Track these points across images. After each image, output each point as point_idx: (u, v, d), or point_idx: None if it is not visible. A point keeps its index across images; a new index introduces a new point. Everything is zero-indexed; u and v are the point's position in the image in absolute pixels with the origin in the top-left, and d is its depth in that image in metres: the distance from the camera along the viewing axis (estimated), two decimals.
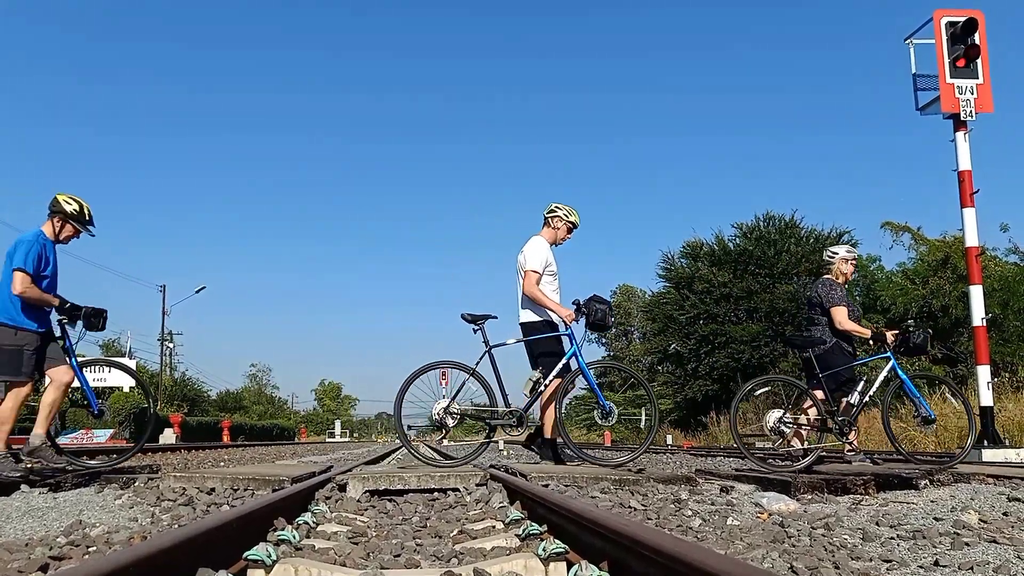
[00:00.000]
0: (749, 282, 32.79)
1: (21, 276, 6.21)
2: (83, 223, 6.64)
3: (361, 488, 5.31)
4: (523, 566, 2.65)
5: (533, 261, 7.02)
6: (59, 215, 6.53)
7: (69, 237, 6.65)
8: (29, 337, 6.34)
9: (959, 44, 10.47)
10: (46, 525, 3.96)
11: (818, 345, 7.46)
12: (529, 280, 6.97)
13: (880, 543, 3.37)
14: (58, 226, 6.55)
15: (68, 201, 6.56)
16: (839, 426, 7.03)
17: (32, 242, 6.34)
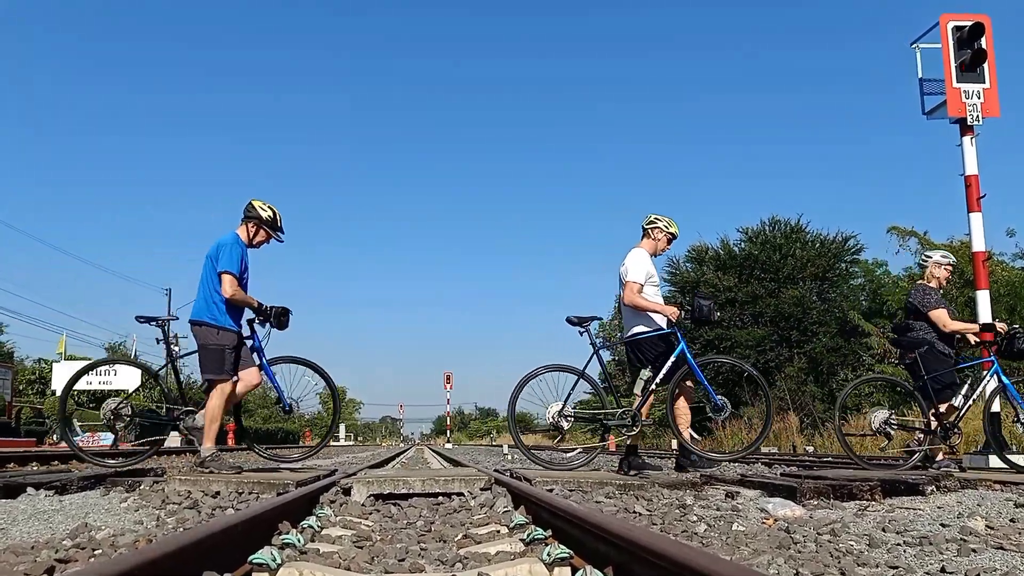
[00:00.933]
0: (754, 287, 32.72)
1: (230, 279, 6.41)
2: (275, 229, 6.82)
3: (366, 492, 5.31)
4: (527, 571, 2.65)
5: (634, 272, 7.07)
6: (254, 220, 6.72)
7: (261, 242, 6.83)
8: (230, 337, 6.51)
9: (965, 48, 10.45)
10: (52, 528, 3.96)
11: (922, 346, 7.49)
12: (630, 290, 7.02)
13: (886, 549, 3.35)
14: (252, 231, 6.74)
15: (263, 207, 6.73)
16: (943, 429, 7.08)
17: (233, 245, 6.53)
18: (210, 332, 6.42)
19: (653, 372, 6.91)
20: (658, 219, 7.32)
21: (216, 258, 6.48)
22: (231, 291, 6.42)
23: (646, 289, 7.09)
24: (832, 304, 31.44)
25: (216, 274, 6.45)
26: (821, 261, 32.26)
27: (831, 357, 28.35)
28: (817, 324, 30.49)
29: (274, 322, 6.78)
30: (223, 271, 6.41)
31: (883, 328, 26.08)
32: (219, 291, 6.45)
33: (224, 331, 6.47)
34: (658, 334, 7.05)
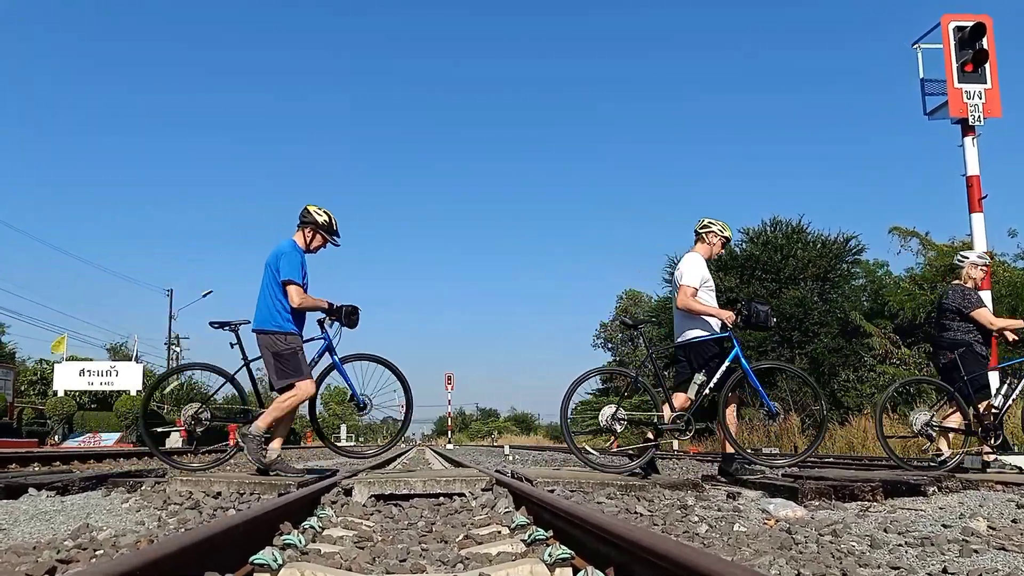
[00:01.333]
0: (755, 287, 32.69)
1: (295, 288, 6.43)
2: (331, 233, 6.81)
3: (367, 492, 5.31)
4: (529, 571, 2.65)
5: (690, 277, 7.04)
6: (310, 225, 6.70)
7: (318, 247, 6.82)
8: (297, 339, 6.53)
9: (967, 49, 10.45)
10: (53, 528, 3.97)
11: (961, 347, 7.48)
12: (684, 293, 6.99)
13: (888, 550, 3.35)
14: (309, 236, 6.72)
15: (319, 212, 6.73)
16: (984, 429, 7.09)
17: (292, 253, 6.53)
18: (278, 339, 6.43)
19: (707, 376, 6.86)
20: (712, 223, 7.28)
21: (277, 268, 6.48)
22: (299, 300, 6.44)
23: (701, 293, 7.05)
24: (833, 305, 31.41)
25: (279, 283, 6.45)
26: (822, 262, 32.24)
27: (832, 358, 28.34)
28: (818, 325, 30.46)
29: (344, 321, 6.78)
30: (287, 281, 6.41)
31: (884, 329, 26.10)
32: (283, 299, 6.45)
33: (291, 335, 6.49)
34: (712, 338, 7.00)
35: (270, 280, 6.52)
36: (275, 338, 6.43)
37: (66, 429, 31.96)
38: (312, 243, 6.73)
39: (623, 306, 71.19)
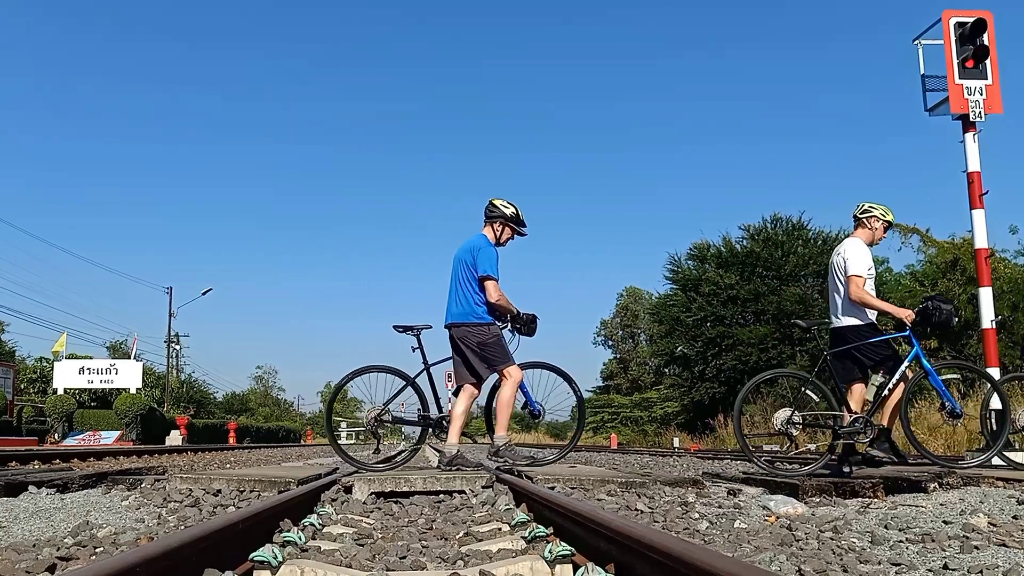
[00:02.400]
0: (756, 284, 32.74)
1: (495, 284, 6.47)
2: (519, 224, 6.82)
3: (367, 490, 5.31)
4: (529, 568, 2.65)
5: (857, 265, 6.80)
6: (499, 219, 6.72)
7: (507, 240, 6.82)
8: (497, 329, 6.57)
9: (968, 45, 10.43)
10: (53, 526, 3.96)
11: None
12: (855, 284, 6.76)
13: (889, 546, 3.35)
14: (499, 230, 6.74)
15: (506, 205, 6.75)
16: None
17: (489, 247, 6.57)
18: (480, 329, 6.47)
19: (887, 376, 6.69)
20: (873, 207, 7.05)
21: (474, 263, 6.49)
22: (496, 296, 6.45)
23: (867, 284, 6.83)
24: None
25: (475, 277, 6.47)
26: (823, 258, 32.20)
27: None
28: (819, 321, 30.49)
29: (524, 329, 6.79)
30: (485, 276, 6.43)
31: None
32: (480, 293, 6.48)
33: (492, 325, 6.54)
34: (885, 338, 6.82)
35: (465, 275, 6.54)
36: (477, 329, 6.46)
37: (66, 427, 31.96)
38: (502, 236, 6.74)
39: (623, 303, 71.29)
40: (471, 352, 6.50)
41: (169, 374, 49.60)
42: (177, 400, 48.65)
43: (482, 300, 6.49)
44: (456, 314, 6.57)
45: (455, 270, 6.67)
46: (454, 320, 6.57)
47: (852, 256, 6.84)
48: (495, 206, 6.73)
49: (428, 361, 6.72)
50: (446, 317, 6.66)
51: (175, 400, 47.87)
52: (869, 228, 7.08)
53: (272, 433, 56.65)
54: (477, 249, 6.53)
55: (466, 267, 6.55)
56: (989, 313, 10.17)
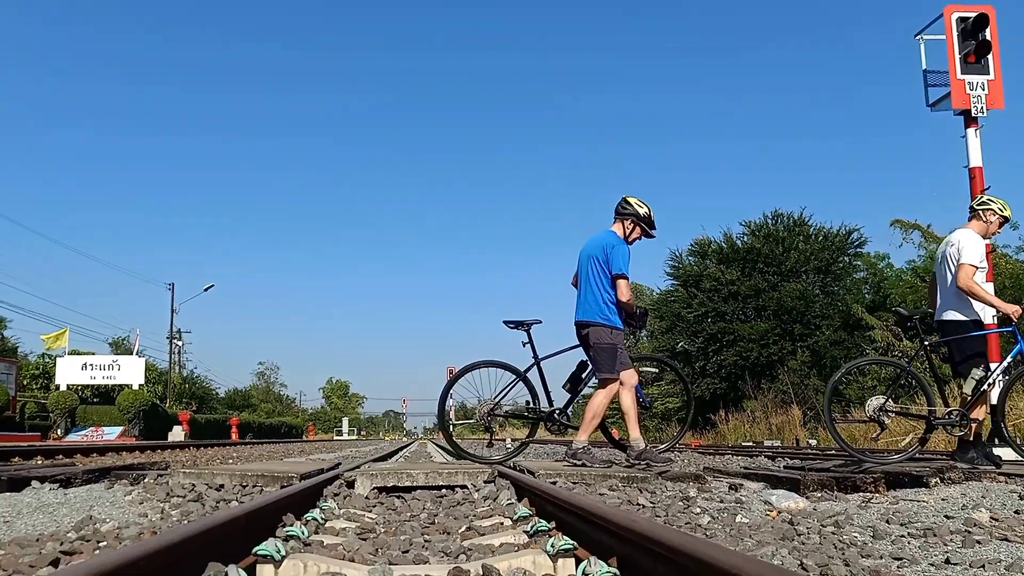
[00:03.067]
0: (757, 280, 32.69)
1: (626, 283, 6.39)
2: (650, 226, 6.73)
3: (369, 485, 5.32)
4: (532, 562, 2.65)
5: (970, 254, 6.68)
6: (631, 217, 6.63)
7: (635, 239, 6.72)
8: (620, 335, 6.49)
9: (970, 40, 10.42)
10: (57, 521, 3.97)
11: None
12: (965, 273, 6.66)
13: (890, 541, 3.35)
14: (629, 228, 6.65)
15: (640, 204, 6.66)
16: None
17: (623, 245, 6.47)
18: (603, 331, 6.39)
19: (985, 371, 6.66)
20: (991, 200, 6.98)
21: (606, 260, 6.41)
22: (628, 295, 6.38)
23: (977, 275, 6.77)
24: (835, 298, 31.41)
25: (606, 275, 6.40)
26: (824, 254, 32.21)
27: (834, 351, 28.36)
28: (820, 318, 30.46)
29: (637, 324, 6.78)
30: (619, 274, 6.35)
31: (886, 322, 26.07)
32: (610, 292, 6.40)
33: (616, 330, 6.44)
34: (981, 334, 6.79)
35: (597, 272, 6.46)
36: (600, 330, 6.39)
37: (68, 423, 32.00)
38: (631, 235, 6.64)
39: None
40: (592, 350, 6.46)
41: (171, 370, 49.62)
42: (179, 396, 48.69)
43: (612, 298, 6.41)
44: (584, 311, 6.50)
45: (584, 267, 6.57)
46: (583, 317, 6.50)
47: (967, 245, 6.70)
48: (629, 203, 6.61)
49: (538, 356, 6.71)
50: (576, 313, 6.58)
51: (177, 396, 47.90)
52: (984, 221, 6.97)
53: (274, 429, 56.69)
54: (611, 246, 6.43)
55: (597, 264, 6.45)
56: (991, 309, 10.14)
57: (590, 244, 6.61)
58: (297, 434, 61.00)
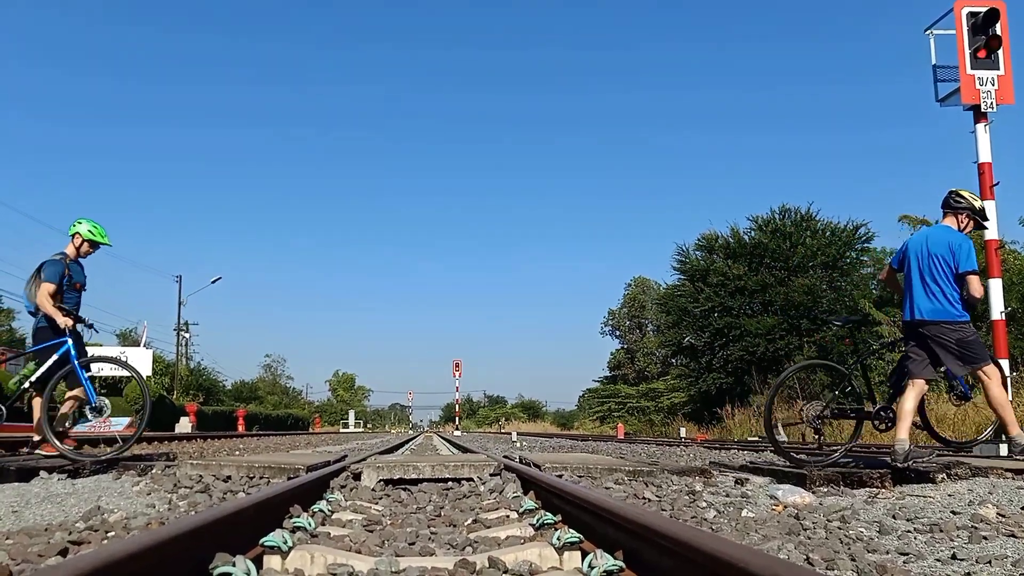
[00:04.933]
0: (764, 275, 32.64)
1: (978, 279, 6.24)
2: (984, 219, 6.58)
3: (376, 477, 5.33)
4: (538, 555, 2.66)
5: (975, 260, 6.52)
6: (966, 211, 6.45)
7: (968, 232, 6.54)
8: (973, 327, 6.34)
9: (980, 34, 10.35)
10: (65, 511, 4.00)
11: None
12: (978, 282, 6.46)
13: (897, 536, 3.35)
14: (963, 221, 6.47)
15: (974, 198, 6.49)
16: None
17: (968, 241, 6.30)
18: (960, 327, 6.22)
19: None
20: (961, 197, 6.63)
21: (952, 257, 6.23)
22: (980, 291, 6.24)
23: None
24: (842, 293, 31.33)
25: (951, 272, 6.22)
26: (831, 250, 32.11)
27: (841, 346, 28.25)
28: (827, 313, 30.38)
29: None
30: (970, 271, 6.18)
31: (894, 319, 26.00)
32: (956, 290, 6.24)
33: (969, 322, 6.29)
34: None
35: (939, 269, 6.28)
36: (957, 327, 6.21)
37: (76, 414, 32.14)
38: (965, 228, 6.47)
39: (631, 293, 71.15)
40: (945, 350, 6.25)
41: (178, 362, 49.74)
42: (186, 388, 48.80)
43: (958, 296, 6.23)
44: (928, 311, 6.30)
45: (920, 263, 6.38)
46: (926, 317, 6.30)
47: (970, 250, 6.40)
48: (963, 197, 6.45)
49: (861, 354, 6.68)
50: (911, 312, 6.40)
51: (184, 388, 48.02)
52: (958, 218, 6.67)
53: (281, 421, 56.84)
54: (957, 244, 6.26)
55: (940, 261, 6.28)
56: (999, 305, 10.12)
57: (927, 241, 6.43)
58: (303, 426, 61.17)
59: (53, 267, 7.27)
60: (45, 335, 7.36)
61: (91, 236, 7.54)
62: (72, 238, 7.55)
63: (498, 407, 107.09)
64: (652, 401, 49.63)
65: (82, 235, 7.51)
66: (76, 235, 7.53)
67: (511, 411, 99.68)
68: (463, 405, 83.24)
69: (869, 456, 7.67)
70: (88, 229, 7.53)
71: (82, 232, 7.51)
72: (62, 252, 7.46)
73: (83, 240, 7.52)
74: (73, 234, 7.55)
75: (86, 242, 7.55)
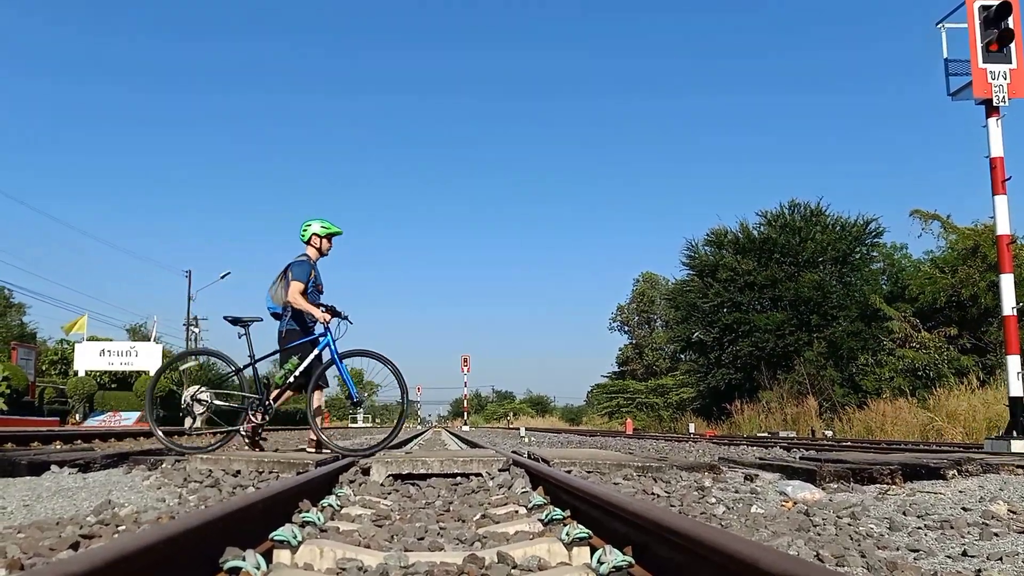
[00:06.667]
0: (774, 270, 32.53)
1: None
2: None
3: (384, 472, 5.34)
4: (547, 550, 2.66)
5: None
6: None
7: None
8: None
9: (992, 28, 10.27)
10: (76, 505, 4.02)
11: None
12: None
13: (907, 533, 3.33)
14: None
15: None
16: None
17: None
18: None
19: None
20: None
21: None
22: None
23: None
24: (852, 288, 31.20)
25: None
26: (841, 244, 31.96)
27: (851, 342, 28.19)
28: (837, 308, 30.28)
29: None
30: None
31: (905, 313, 25.90)
32: None
33: None
34: None
35: None
36: None
37: (87, 408, 32.33)
38: None
39: (640, 289, 71.07)
40: None
41: None
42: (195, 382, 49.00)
43: None
44: None
45: None
46: None
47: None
48: None
49: None
50: None
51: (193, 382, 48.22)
52: None
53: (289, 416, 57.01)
54: None
55: None
56: (1011, 300, 10.06)
57: None
58: None
59: (301, 267, 7.32)
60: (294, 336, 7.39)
61: (326, 231, 7.56)
62: (309, 241, 7.55)
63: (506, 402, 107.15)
64: (661, 397, 49.64)
65: (319, 234, 7.54)
66: (313, 236, 7.55)
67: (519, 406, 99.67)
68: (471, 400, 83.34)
69: None
70: (321, 226, 7.56)
71: (318, 231, 7.53)
72: (304, 255, 7.50)
73: (320, 238, 7.55)
74: (309, 237, 7.55)
75: (323, 239, 7.58)
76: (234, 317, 7.05)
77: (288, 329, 7.39)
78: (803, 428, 23.79)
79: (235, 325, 7.06)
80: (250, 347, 7.02)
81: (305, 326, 7.35)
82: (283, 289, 7.30)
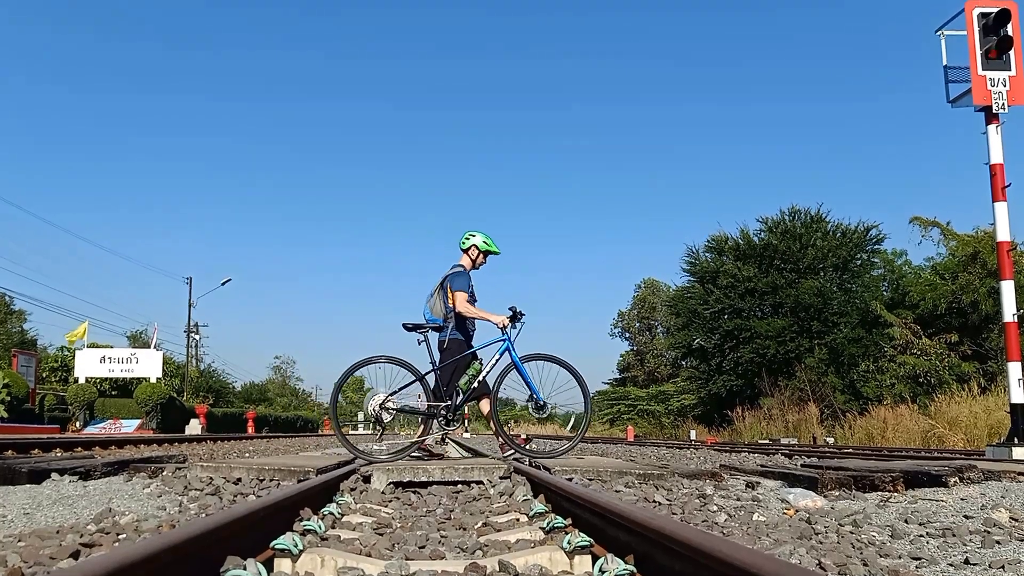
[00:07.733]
0: (774, 277, 32.55)
1: None
2: None
3: (385, 479, 5.33)
4: (548, 559, 2.65)
5: None
6: None
7: None
8: None
9: (991, 35, 10.31)
10: (76, 513, 4.01)
11: None
12: None
13: (909, 540, 3.33)
14: None
15: None
16: None
17: None
18: None
19: None
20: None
21: None
22: None
23: None
24: (853, 295, 31.22)
25: None
26: (842, 251, 32.00)
27: (852, 348, 28.18)
28: (838, 315, 30.28)
29: None
30: None
31: (905, 320, 25.91)
32: None
33: None
34: None
35: None
36: None
37: (87, 415, 32.30)
38: None
39: (641, 295, 71.06)
40: None
41: (189, 363, 49.94)
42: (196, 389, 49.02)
43: None
44: None
45: None
46: None
47: None
48: None
49: None
50: None
51: (194, 389, 48.24)
52: None
53: (290, 423, 57.01)
54: None
55: None
56: (1011, 307, 10.07)
57: None
58: (313, 428, 61.30)
59: (462, 278, 7.33)
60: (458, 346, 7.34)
61: (486, 247, 7.57)
62: (467, 251, 7.57)
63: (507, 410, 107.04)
64: (662, 403, 49.57)
65: (478, 247, 7.54)
66: (472, 247, 7.55)
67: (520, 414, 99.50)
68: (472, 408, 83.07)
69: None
70: (483, 240, 7.55)
71: (478, 244, 7.53)
72: (460, 265, 7.50)
73: (480, 252, 7.57)
74: (469, 247, 7.56)
75: (482, 253, 7.59)
76: (413, 324, 7.02)
77: (452, 339, 7.36)
78: (804, 435, 23.75)
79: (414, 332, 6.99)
80: (431, 353, 6.94)
81: (468, 335, 7.38)
82: (442, 301, 7.33)
